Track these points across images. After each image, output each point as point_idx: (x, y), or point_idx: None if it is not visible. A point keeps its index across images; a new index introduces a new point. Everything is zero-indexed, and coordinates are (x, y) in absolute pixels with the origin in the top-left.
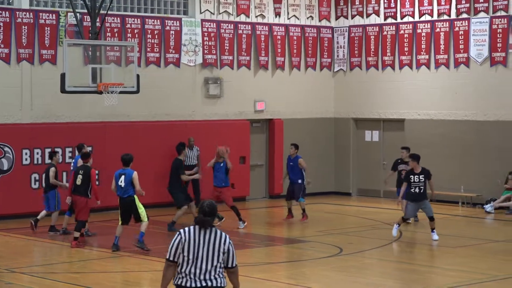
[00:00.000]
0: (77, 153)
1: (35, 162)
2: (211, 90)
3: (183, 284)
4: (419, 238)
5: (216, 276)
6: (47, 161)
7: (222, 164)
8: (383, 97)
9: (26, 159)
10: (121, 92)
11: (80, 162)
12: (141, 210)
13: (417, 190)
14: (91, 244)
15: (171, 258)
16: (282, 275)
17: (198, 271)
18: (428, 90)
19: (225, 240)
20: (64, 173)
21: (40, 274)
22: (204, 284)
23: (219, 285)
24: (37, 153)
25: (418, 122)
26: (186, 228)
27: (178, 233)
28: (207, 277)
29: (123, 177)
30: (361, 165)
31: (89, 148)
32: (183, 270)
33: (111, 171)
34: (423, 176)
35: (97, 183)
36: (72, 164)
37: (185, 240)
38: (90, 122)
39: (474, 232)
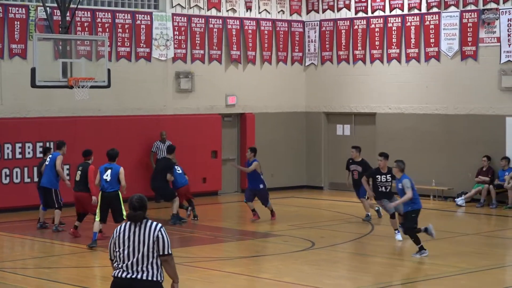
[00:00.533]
0: (52, 149)
1: (6, 157)
2: (183, 84)
3: (115, 274)
4: (391, 232)
5: (149, 266)
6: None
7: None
8: (355, 91)
9: None
10: (92, 87)
11: (60, 158)
12: (123, 207)
13: (383, 189)
14: (62, 239)
15: (109, 257)
16: (254, 269)
17: (129, 262)
18: (399, 84)
19: (155, 229)
20: (35, 168)
21: (11, 270)
22: (134, 275)
23: (150, 278)
24: (8, 148)
25: (389, 116)
26: (120, 225)
27: (114, 231)
28: (139, 267)
29: (109, 171)
30: (332, 159)
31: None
32: (115, 264)
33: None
34: (390, 176)
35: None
36: (48, 160)
37: (115, 237)
38: (61, 116)
39: (445, 225)
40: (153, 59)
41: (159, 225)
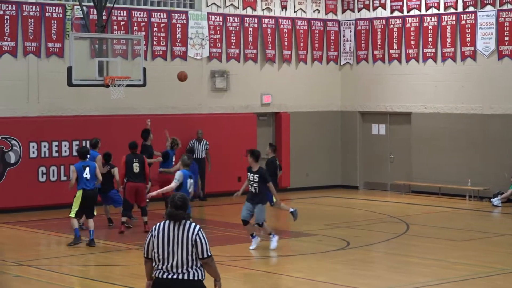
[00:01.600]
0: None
1: (42, 155)
2: (218, 83)
3: (157, 275)
4: (426, 232)
5: (189, 269)
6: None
7: None
8: (390, 91)
9: (33, 152)
10: (127, 85)
11: (100, 158)
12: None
13: (252, 189)
14: (97, 237)
15: (145, 255)
16: (289, 268)
17: (169, 264)
18: (434, 84)
19: (193, 231)
20: (70, 166)
21: (47, 267)
22: (175, 276)
23: (191, 278)
24: (44, 146)
25: (425, 115)
26: (159, 223)
27: (151, 229)
28: (179, 270)
29: (87, 169)
30: (368, 159)
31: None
32: (155, 264)
33: (117, 164)
34: (257, 176)
35: None
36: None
37: (154, 236)
38: (96, 115)
39: (481, 226)
40: (189, 58)
41: (197, 227)
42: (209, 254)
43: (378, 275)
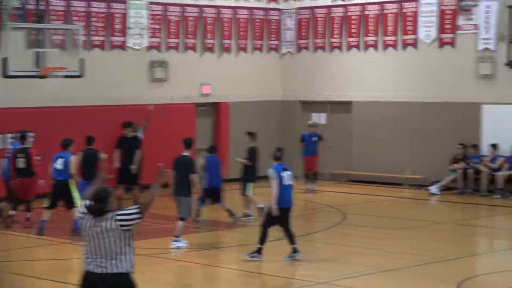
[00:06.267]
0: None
1: None
2: (157, 73)
3: (85, 268)
4: (363, 221)
5: (113, 261)
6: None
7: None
8: (331, 80)
9: None
10: (65, 77)
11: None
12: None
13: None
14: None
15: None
16: (224, 260)
17: (94, 256)
18: (375, 72)
19: (111, 221)
20: None
21: None
22: (100, 270)
23: (115, 271)
24: None
25: (366, 104)
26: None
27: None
28: (103, 263)
29: (61, 160)
30: None
31: (32, 134)
32: (84, 255)
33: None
34: None
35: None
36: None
37: (81, 228)
38: (33, 107)
39: (418, 214)
40: (128, 48)
41: (113, 213)
42: (140, 215)
43: (317, 265)
